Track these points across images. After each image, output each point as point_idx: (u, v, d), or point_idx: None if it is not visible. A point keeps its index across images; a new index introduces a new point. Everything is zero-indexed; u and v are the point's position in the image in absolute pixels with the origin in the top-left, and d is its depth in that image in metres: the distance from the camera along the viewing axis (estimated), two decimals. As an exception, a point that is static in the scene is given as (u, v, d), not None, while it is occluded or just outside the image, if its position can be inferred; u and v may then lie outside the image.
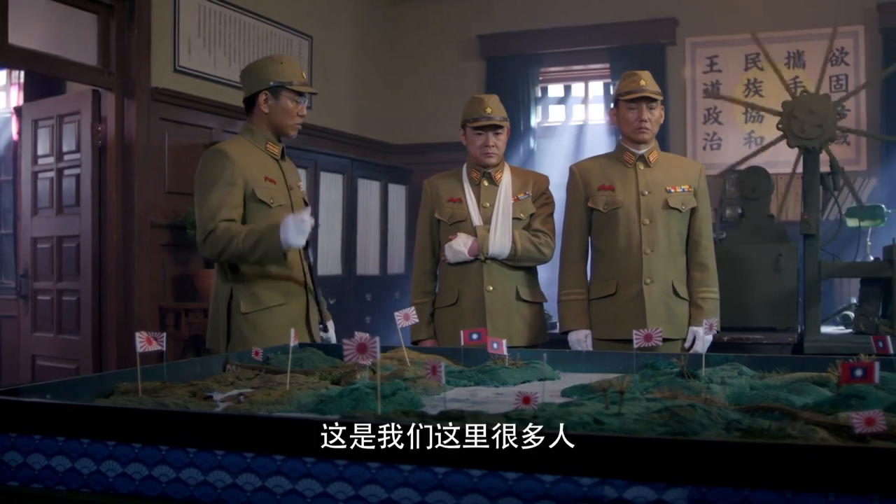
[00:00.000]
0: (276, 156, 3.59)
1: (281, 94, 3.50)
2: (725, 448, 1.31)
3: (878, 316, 4.58)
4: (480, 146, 3.88)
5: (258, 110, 3.54)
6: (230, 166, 3.38)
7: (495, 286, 3.83)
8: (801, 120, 4.36)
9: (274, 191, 3.48)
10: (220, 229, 3.30)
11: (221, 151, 3.43)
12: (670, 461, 1.31)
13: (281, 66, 3.54)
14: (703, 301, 3.73)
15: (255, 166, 3.46)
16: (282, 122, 3.54)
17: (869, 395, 1.87)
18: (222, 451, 1.59)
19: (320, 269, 6.53)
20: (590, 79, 8.28)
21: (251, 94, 3.55)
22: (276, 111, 3.52)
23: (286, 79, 3.51)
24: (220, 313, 3.46)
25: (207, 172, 3.41)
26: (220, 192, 3.35)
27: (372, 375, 2.40)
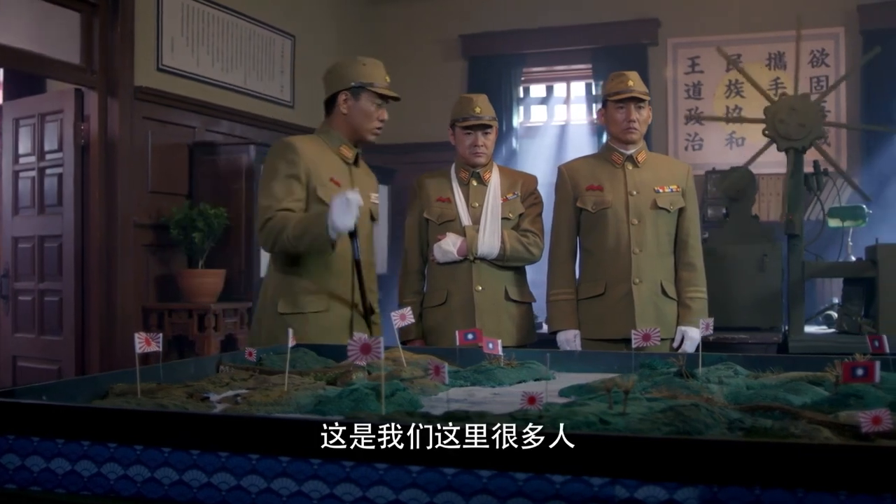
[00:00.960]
0: (348, 160, 3.53)
1: (362, 95, 3.45)
2: (737, 447, 1.31)
3: (860, 315, 4.61)
4: (469, 146, 3.88)
5: (337, 111, 3.49)
6: (296, 160, 3.32)
7: (484, 286, 3.83)
8: (785, 122, 4.39)
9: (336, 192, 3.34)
10: (276, 219, 3.24)
11: (290, 144, 3.38)
12: (682, 461, 1.31)
13: (364, 67, 3.50)
14: (692, 301, 3.75)
15: (322, 165, 3.39)
16: (360, 124, 3.48)
17: (867, 394, 1.88)
18: (226, 453, 1.58)
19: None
20: (572, 79, 8.29)
21: (332, 94, 3.49)
22: (356, 112, 3.46)
23: (368, 80, 3.47)
24: (263, 308, 3.43)
25: (272, 163, 3.37)
26: (283, 184, 3.29)
27: (367, 376, 2.40)
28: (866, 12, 7.17)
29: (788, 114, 4.36)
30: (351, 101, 3.44)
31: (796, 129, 4.38)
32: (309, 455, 1.52)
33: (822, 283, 6.53)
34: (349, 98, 3.44)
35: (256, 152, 5.95)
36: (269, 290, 3.42)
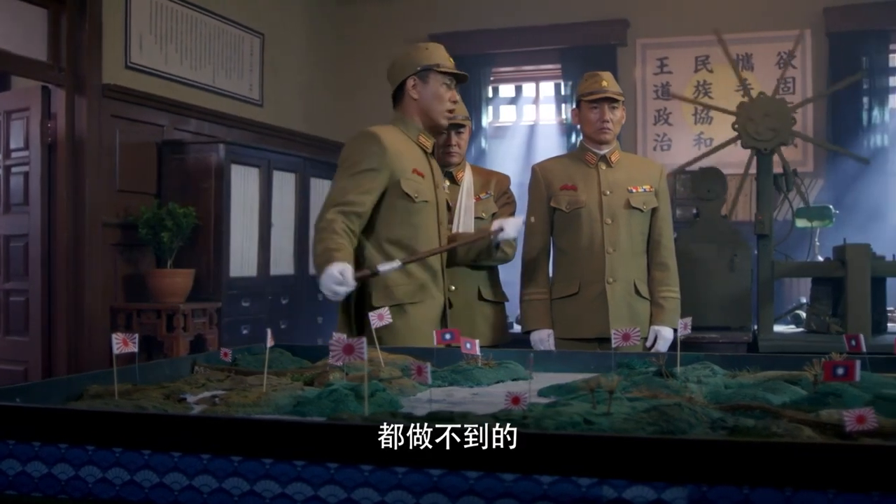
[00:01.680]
0: (427, 149, 3.44)
1: (430, 77, 3.36)
2: (726, 447, 1.31)
3: (829, 315, 4.65)
4: (442, 145, 3.87)
5: (407, 99, 3.40)
6: (380, 152, 3.23)
7: (457, 286, 3.82)
8: (756, 122, 4.42)
9: (421, 185, 3.33)
10: (325, 220, 3.17)
11: (375, 135, 3.27)
12: (670, 460, 1.31)
13: (427, 50, 3.41)
14: (665, 300, 3.76)
15: (405, 156, 3.31)
16: (432, 107, 3.38)
17: (845, 392, 1.89)
18: (208, 455, 1.56)
19: (272, 268, 6.48)
20: (541, 79, 8.31)
21: (399, 82, 3.41)
22: (426, 96, 3.37)
23: (434, 62, 3.37)
24: (351, 304, 3.33)
25: (353, 154, 3.28)
26: (355, 178, 3.21)
27: (345, 376, 2.38)
28: (832, 15, 7.24)
29: (761, 115, 4.39)
30: (420, 86, 3.36)
31: (765, 131, 4.41)
32: (293, 457, 1.50)
33: (789, 283, 6.58)
34: (417, 83, 3.36)
35: (225, 151, 5.92)
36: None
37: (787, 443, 1.32)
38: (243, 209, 6.15)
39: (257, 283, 6.30)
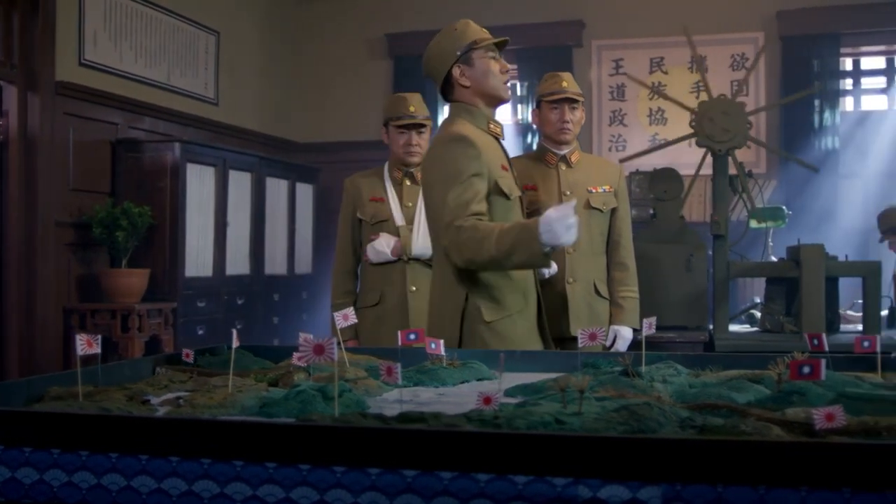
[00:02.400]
0: (499, 136, 3.22)
1: (472, 57, 3.11)
2: (700, 446, 1.32)
3: (783, 314, 4.71)
4: (403, 145, 3.87)
5: (458, 88, 3.14)
6: (477, 154, 2.97)
7: (418, 286, 3.83)
8: (714, 122, 4.46)
9: (510, 181, 3.13)
10: (467, 229, 2.87)
11: (467, 138, 2.99)
12: (645, 459, 1.32)
13: (457, 31, 3.18)
14: (624, 300, 3.78)
15: (491, 152, 3.08)
16: (487, 83, 3.10)
17: (809, 391, 1.91)
18: (177, 458, 1.54)
19: (228, 268, 6.43)
20: (497, 80, 8.30)
21: (444, 74, 3.15)
22: (478, 77, 3.10)
23: (470, 39, 3.14)
24: (450, 322, 3.04)
25: (452, 162, 2.98)
26: (467, 185, 2.93)
27: (309, 377, 2.37)
28: (785, 18, 7.34)
29: (719, 116, 4.43)
30: (467, 70, 3.10)
31: (721, 132, 4.45)
32: (264, 459, 1.49)
33: (743, 283, 6.66)
34: (463, 68, 3.10)
35: (181, 150, 5.87)
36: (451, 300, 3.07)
37: (760, 441, 1.33)
38: (199, 208, 6.10)
39: (213, 284, 6.26)
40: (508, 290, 3.07)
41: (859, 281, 4.63)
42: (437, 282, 3.15)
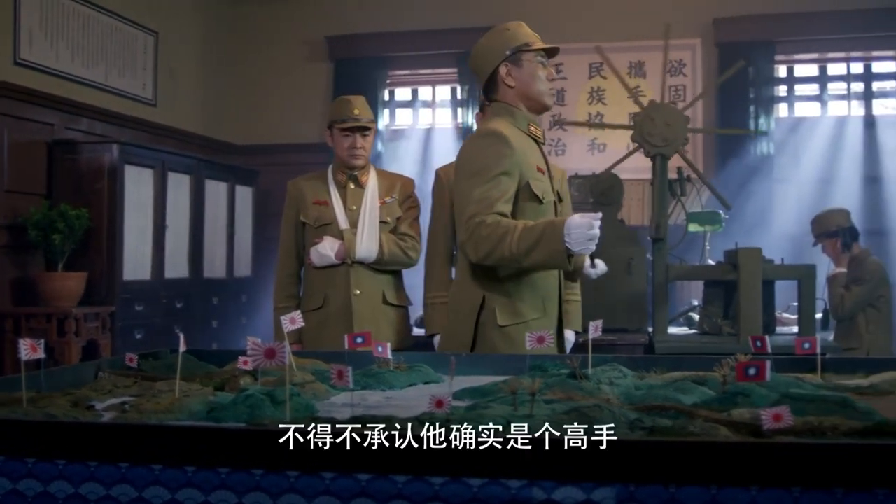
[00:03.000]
0: (539, 139, 3.15)
1: (522, 59, 3.06)
2: (653, 447, 1.34)
3: (721, 317, 4.77)
4: (348, 148, 3.86)
5: (503, 88, 3.10)
6: (508, 153, 2.92)
7: (362, 290, 3.82)
8: (652, 130, 4.51)
9: (545, 185, 3.06)
10: (488, 225, 2.83)
11: (500, 134, 2.95)
12: (598, 461, 1.33)
13: (509, 31, 3.12)
14: (567, 303, 3.79)
15: (527, 153, 3.02)
16: (532, 88, 3.07)
17: (753, 392, 1.94)
18: (126, 464, 1.52)
19: (166, 271, 6.36)
20: (437, 83, 8.35)
21: (490, 71, 3.10)
22: (524, 80, 3.06)
23: (521, 41, 3.08)
24: (465, 323, 3.02)
25: (481, 157, 2.95)
26: (493, 182, 2.89)
27: (254, 381, 2.35)
28: (722, 25, 7.46)
29: (656, 122, 4.48)
30: (514, 70, 3.06)
31: (663, 136, 4.50)
32: (216, 464, 1.48)
33: (681, 286, 6.75)
34: (511, 68, 3.06)
35: (119, 151, 5.80)
36: (467, 302, 3.05)
37: (711, 441, 1.35)
38: (137, 211, 6.02)
39: (151, 287, 6.18)
40: (528, 296, 3.03)
41: (793, 284, 4.71)
42: (456, 281, 3.14)
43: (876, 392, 2.20)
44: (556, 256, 2.76)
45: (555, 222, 2.77)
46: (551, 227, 2.75)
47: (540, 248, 2.75)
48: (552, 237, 2.73)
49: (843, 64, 7.62)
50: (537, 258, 2.78)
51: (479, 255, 2.88)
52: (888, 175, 7.22)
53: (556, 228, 2.73)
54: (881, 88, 7.61)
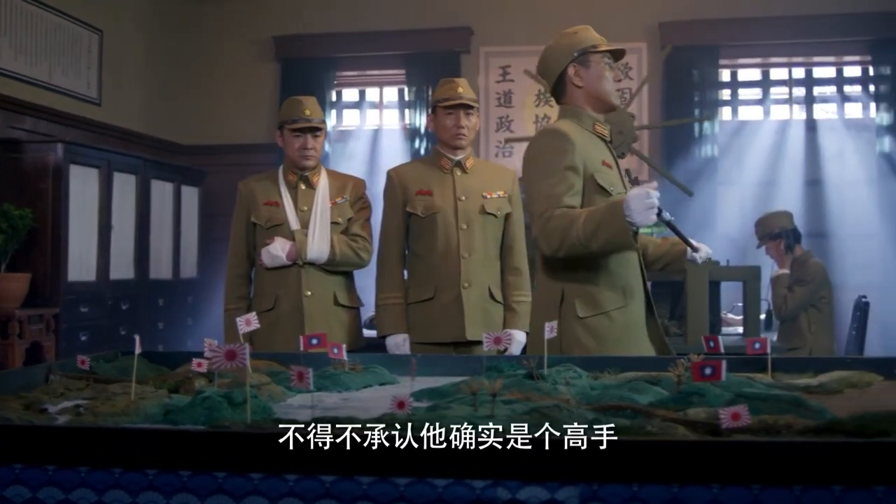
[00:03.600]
0: (606, 137, 3.19)
1: (590, 60, 3.09)
2: (616, 446, 1.35)
3: (667, 318, 4.84)
4: (299, 148, 3.85)
5: (570, 88, 3.12)
6: (571, 149, 2.96)
7: (313, 291, 3.81)
8: (605, 130, 4.55)
9: (612, 177, 3.08)
10: (556, 217, 2.86)
11: (561, 132, 3.00)
12: (562, 461, 1.35)
13: (577, 34, 3.15)
14: (517, 304, 3.83)
15: (591, 149, 3.06)
16: (599, 89, 3.10)
17: (707, 392, 1.97)
18: (86, 468, 1.51)
19: (112, 273, 6.28)
20: (385, 84, 8.34)
21: (559, 72, 3.13)
22: (592, 80, 3.10)
23: (589, 43, 3.12)
24: (547, 317, 2.92)
25: (544, 154, 3.00)
26: (559, 177, 2.92)
27: (209, 383, 2.34)
28: (667, 29, 7.55)
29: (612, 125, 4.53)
30: (582, 71, 3.09)
31: (615, 136, 4.55)
32: (178, 467, 1.47)
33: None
34: (579, 69, 3.09)
35: (64, 151, 5.72)
36: (548, 296, 3.06)
37: (673, 440, 1.37)
38: (82, 211, 5.94)
39: (97, 288, 6.10)
40: (606, 286, 3.02)
41: (737, 285, 4.79)
42: (537, 279, 3.16)
43: (825, 391, 2.24)
44: (621, 234, 2.76)
45: (615, 201, 2.81)
46: (612, 206, 2.78)
47: (604, 228, 2.78)
48: (614, 214, 2.75)
49: (786, 69, 7.76)
50: (603, 238, 2.79)
51: (551, 247, 2.91)
52: (829, 178, 7.36)
53: (616, 206, 2.76)
54: (822, 93, 7.76)
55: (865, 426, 1.54)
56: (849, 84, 7.71)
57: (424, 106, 7.84)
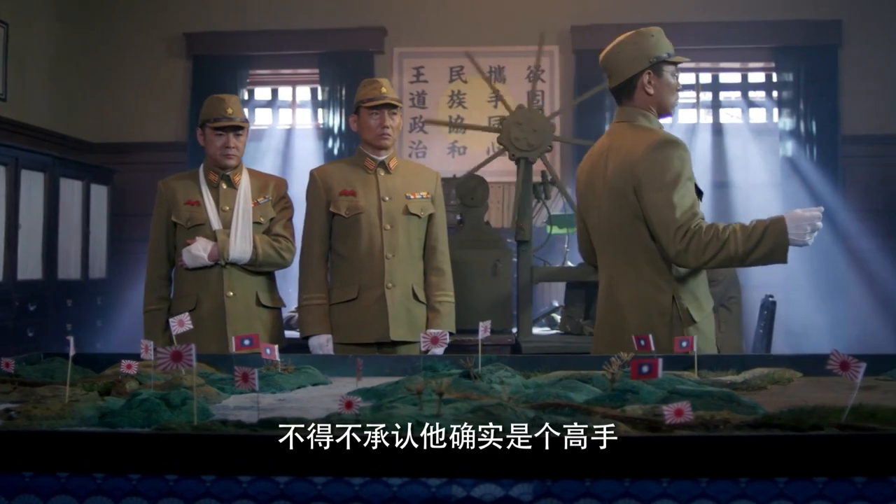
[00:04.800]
0: None
1: (664, 69, 3.14)
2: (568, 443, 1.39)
3: (582, 317, 4.91)
4: (221, 147, 3.82)
5: (640, 93, 3.15)
6: (688, 158, 3.04)
7: (235, 291, 3.78)
8: (519, 135, 4.61)
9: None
10: (707, 230, 2.94)
11: (679, 142, 3.05)
12: (516, 458, 1.38)
13: (653, 38, 3.16)
14: (440, 305, 3.86)
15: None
16: (666, 99, 3.17)
17: (641, 389, 2.03)
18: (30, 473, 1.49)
19: (19, 273, 6.12)
20: (298, 83, 8.30)
21: (630, 75, 3.15)
22: (662, 90, 3.15)
23: (664, 51, 3.15)
24: (659, 324, 3.05)
25: (671, 165, 3.01)
26: (686, 188, 3.01)
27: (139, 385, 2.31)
28: (578, 33, 7.68)
29: (523, 127, 4.58)
30: (655, 80, 3.13)
31: (530, 141, 4.61)
32: (130, 471, 1.46)
33: (540, 287, 6.90)
34: (652, 76, 3.13)
35: (-30, 148, 5.55)
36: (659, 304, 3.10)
37: (625, 437, 1.41)
38: (-12, 210, 5.79)
39: (3, 289, 5.93)
40: (704, 290, 3.17)
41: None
42: (638, 288, 3.15)
43: (749, 387, 2.32)
44: (778, 250, 2.89)
45: (776, 220, 2.91)
46: (775, 223, 2.90)
47: (765, 244, 2.90)
48: (779, 233, 2.88)
49: (693, 74, 7.95)
50: (761, 252, 2.91)
51: (702, 259, 2.96)
52: (735, 181, 7.58)
53: (778, 224, 2.89)
54: (727, 98, 7.99)
55: (800, 420, 1.60)
56: (753, 90, 7.96)
57: (338, 106, 7.83)
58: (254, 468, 1.42)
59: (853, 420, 1.63)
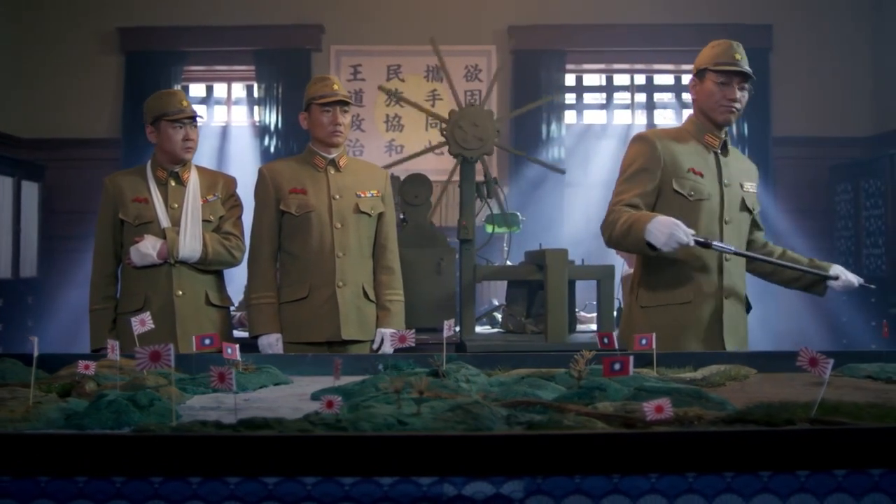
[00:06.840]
0: (714, 147, 3.41)
1: (706, 76, 3.37)
2: (558, 440, 1.40)
3: (524, 316, 4.95)
4: (182, 140, 3.79)
5: (693, 98, 3.46)
6: (649, 153, 3.33)
7: (185, 290, 3.73)
8: (464, 131, 4.63)
9: (696, 184, 3.34)
10: (613, 213, 3.29)
11: (644, 137, 3.40)
12: (508, 455, 1.39)
13: (711, 50, 3.40)
14: (390, 303, 3.86)
15: (683, 155, 3.37)
16: (706, 105, 3.39)
17: (608, 387, 2.06)
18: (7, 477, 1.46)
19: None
20: (233, 80, 8.23)
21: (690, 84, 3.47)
22: (702, 95, 3.39)
23: (710, 61, 3.37)
24: (629, 306, 3.50)
25: (626, 158, 3.41)
26: (631, 178, 3.33)
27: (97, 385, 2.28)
28: (515, 33, 7.75)
29: (470, 125, 4.61)
30: (699, 86, 3.41)
31: (474, 140, 4.64)
32: (112, 474, 1.44)
33: (481, 286, 6.93)
34: (696, 82, 3.43)
35: None
36: (631, 286, 3.49)
37: (615, 433, 1.43)
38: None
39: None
40: (672, 277, 3.36)
41: (590, 283, 4.94)
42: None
43: (708, 384, 2.37)
44: (639, 245, 3.17)
45: (644, 218, 3.16)
46: (639, 221, 3.16)
47: (631, 236, 3.18)
48: (638, 230, 3.15)
49: (628, 75, 8.06)
50: (629, 243, 3.23)
51: (604, 238, 3.36)
52: (669, 181, 7.70)
53: (641, 223, 3.15)
54: (661, 100, 8.12)
55: (771, 416, 1.64)
56: (686, 91, 8.07)
57: (274, 103, 7.79)
58: (242, 469, 1.41)
59: (820, 415, 1.68)
